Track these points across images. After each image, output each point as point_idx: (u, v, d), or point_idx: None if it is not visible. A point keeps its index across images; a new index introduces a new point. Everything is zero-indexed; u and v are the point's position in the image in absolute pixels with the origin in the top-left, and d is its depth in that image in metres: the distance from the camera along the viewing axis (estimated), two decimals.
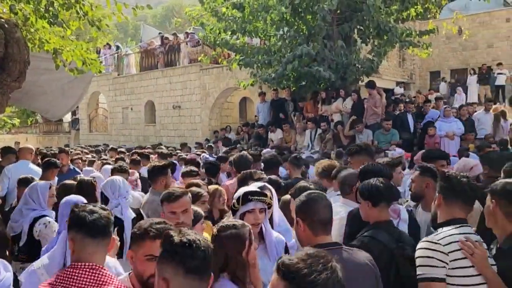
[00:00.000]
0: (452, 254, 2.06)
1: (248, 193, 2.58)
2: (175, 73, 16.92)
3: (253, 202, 2.55)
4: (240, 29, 11.16)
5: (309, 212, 2.20)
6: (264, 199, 2.59)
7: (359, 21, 10.37)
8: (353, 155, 4.07)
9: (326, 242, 2.17)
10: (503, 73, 16.64)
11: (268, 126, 11.72)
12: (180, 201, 2.75)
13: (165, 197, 2.79)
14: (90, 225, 1.95)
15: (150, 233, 2.03)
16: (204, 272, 1.62)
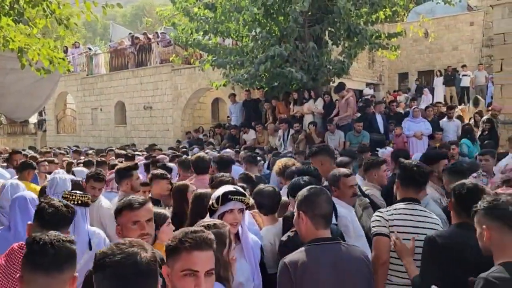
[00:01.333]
0: (391, 221, 2.76)
1: (228, 193, 2.55)
2: (146, 73, 16.68)
3: (233, 202, 2.53)
4: (212, 29, 11.11)
5: (312, 206, 2.31)
6: (244, 199, 2.57)
7: (330, 23, 10.52)
8: (313, 156, 4.19)
9: (326, 236, 2.30)
10: (467, 75, 17.25)
11: (241, 127, 11.73)
12: (144, 208, 2.40)
13: (126, 205, 2.38)
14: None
15: (186, 243, 1.70)
16: (54, 269, 1.66)
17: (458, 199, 2.53)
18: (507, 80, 9.73)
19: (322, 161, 4.12)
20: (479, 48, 19.86)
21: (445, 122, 9.23)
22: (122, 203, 2.41)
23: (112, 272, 1.40)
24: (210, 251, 1.72)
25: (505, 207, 1.96)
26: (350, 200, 3.36)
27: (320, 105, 10.64)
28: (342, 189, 3.32)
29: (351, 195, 3.35)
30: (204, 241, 1.71)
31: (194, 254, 1.67)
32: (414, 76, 21.82)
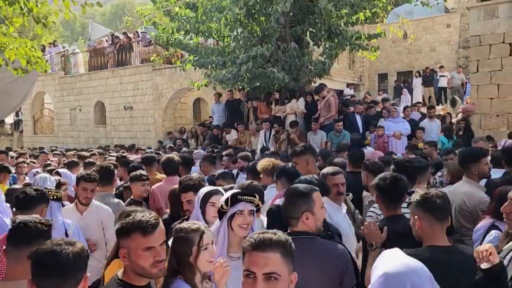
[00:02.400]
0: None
1: (237, 193, 2.52)
2: (126, 73, 16.48)
3: (243, 203, 2.48)
4: (194, 29, 11.04)
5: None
6: (254, 200, 2.52)
7: (311, 24, 10.58)
8: (298, 155, 4.21)
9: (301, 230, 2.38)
10: (445, 76, 17.62)
11: (223, 127, 11.70)
12: (158, 231, 1.96)
13: (137, 227, 1.91)
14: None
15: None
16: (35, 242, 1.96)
17: (382, 192, 2.83)
18: (483, 81, 9.97)
19: (307, 161, 4.18)
20: (456, 50, 20.33)
21: (427, 123, 9.36)
22: (131, 223, 1.93)
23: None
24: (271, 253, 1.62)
25: (434, 201, 2.24)
26: (336, 198, 3.36)
27: (302, 105, 10.69)
28: (328, 187, 3.28)
29: (335, 194, 3.35)
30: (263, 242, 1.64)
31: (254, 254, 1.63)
32: (393, 76, 22.18)
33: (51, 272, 1.65)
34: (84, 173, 3.89)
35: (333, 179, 3.37)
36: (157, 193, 4.76)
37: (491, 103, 9.63)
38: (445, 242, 2.26)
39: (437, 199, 2.26)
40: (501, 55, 9.68)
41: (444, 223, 2.26)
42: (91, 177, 3.80)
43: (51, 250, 1.68)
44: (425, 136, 9.19)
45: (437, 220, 2.23)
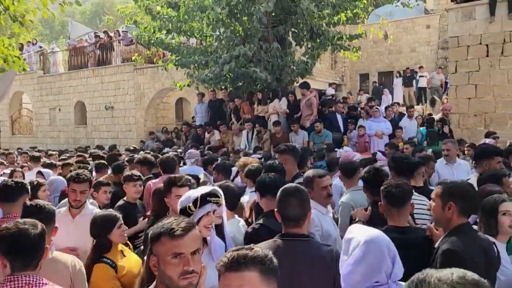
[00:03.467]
0: None
1: (206, 195, 2.49)
2: (107, 73, 16.26)
3: (210, 204, 2.48)
4: (176, 28, 10.98)
5: (281, 206, 2.41)
6: (219, 200, 2.54)
7: (293, 24, 10.64)
8: (279, 153, 4.36)
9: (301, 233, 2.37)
10: (424, 76, 17.91)
11: (206, 127, 11.65)
12: (190, 236, 1.82)
13: (166, 230, 1.79)
14: None
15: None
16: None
17: (367, 182, 3.38)
18: (461, 81, 10.18)
19: (286, 160, 4.27)
20: (435, 50, 20.69)
21: (407, 122, 9.51)
22: (161, 225, 1.83)
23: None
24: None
25: (390, 190, 2.67)
26: (325, 201, 3.30)
27: (285, 105, 10.73)
28: (316, 190, 3.25)
29: (326, 196, 3.28)
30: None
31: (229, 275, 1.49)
32: (374, 76, 22.45)
33: (20, 251, 1.94)
34: (74, 173, 3.55)
35: (321, 182, 3.29)
36: (152, 188, 4.71)
37: (469, 103, 9.85)
38: (401, 223, 2.67)
39: (392, 188, 2.67)
40: (478, 56, 9.91)
41: (400, 208, 2.66)
42: (81, 177, 3.46)
43: (19, 230, 1.96)
44: (405, 135, 9.35)
45: (391, 205, 2.66)
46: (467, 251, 2.23)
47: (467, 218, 2.45)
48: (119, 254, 2.90)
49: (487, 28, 9.81)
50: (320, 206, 3.23)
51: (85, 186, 3.48)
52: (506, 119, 9.68)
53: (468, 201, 2.42)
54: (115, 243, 2.90)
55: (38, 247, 2.00)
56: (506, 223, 2.61)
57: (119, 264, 2.80)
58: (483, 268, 2.19)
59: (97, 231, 2.89)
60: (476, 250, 2.28)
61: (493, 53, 9.74)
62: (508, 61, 9.58)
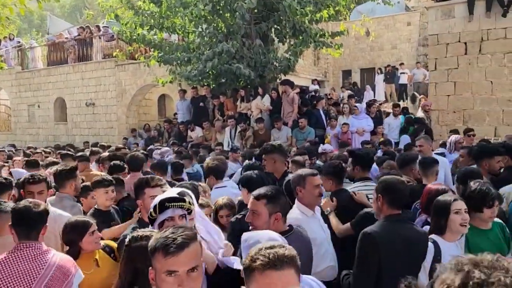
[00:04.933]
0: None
1: (165, 200, 2.42)
2: (88, 69, 16.00)
3: (171, 209, 2.40)
4: (158, 24, 10.86)
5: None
6: (183, 205, 2.44)
7: (275, 21, 10.65)
8: (267, 153, 4.32)
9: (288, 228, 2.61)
10: (405, 72, 18.15)
11: (188, 123, 11.59)
12: (186, 253, 1.70)
13: (160, 246, 1.70)
14: None
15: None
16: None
17: (332, 174, 3.86)
18: (441, 78, 10.36)
19: (275, 159, 4.30)
20: (416, 47, 20.96)
21: (391, 120, 9.57)
22: (156, 239, 1.74)
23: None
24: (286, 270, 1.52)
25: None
26: (316, 200, 3.21)
27: (268, 101, 10.74)
28: (307, 189, 3.16)
29: (317, 195, 3.20)
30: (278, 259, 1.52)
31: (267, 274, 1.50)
32: (357, 73, 22.65)
33: (23, 222, 2.47)
34: (28, 175, 3.52)
35: (314, 180, 3.20)
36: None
37: (448, 100, 10.04)
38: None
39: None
40: (457, 54, 10.10)
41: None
42: (35, 178, 3.41)
43: (25, 207, 2.52)
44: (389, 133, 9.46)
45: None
46: (384, 236, 2.56)
47: (397, 209, 2.73)
48: (93, 263, 2.77)
49: (465, 26, 10.00)
50: (305, 208, 3.13)
51: (42, 187, 3.41)
52: (484, 116, 9.90)
53: (395, 194, 2.72)
54: (87, 250, 2.78)
55: (37, 221, 2.50)
56: (457, 221, 2.73)
57: (84, 274, 2.67)
58: (402, 254, 2.55)
59: (67, 238, 2.80)
60: (394, 237, 2.56)
61: (471, 51, 9.94)
62: (486, 59, 9.79)
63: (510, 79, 9.54)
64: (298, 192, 3.18)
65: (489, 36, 9.73)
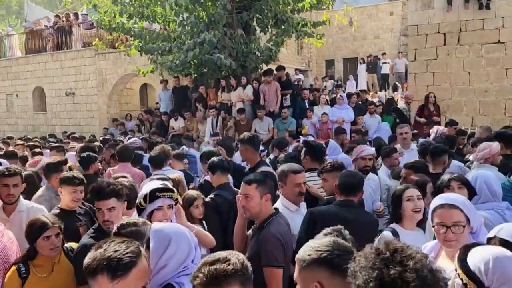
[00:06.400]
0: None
1: (155, 190, 2.51)
2: (67, 57, 15.70)
3: (162, 199, 2.50)
4: (137, 13, 10.69)
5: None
6: (172, 195, 2.55)
7: (257, 10, 10.58)
8: (241, 143, 4.62)
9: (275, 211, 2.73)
10: (387, 62, 18.29)
11: (171, 114, 11.51)
12: (134, 274, 1.58)
13: (104, 266, 1.53)
14: None
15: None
16: None
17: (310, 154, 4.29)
18: (420, 69, 10.50)
19: (246, 149, 4.48)
20: (398, 37, 21.11)
21: (367, 118, 9.61)
22: (98, 259, 1.57)
23: None
24: None
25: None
26: (296, 199, 3.14)
27: (250, 91, 10.71)
28: (288, 186, 3.10)
29: (297, 194, 3.12)
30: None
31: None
32: (340, 63, 22.75)
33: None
34: (3, 168, 3.43)
35: (296, 178, 3.11)
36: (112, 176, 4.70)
37: (427, 91, 10.16)
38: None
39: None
40: (436, 45, 10.23)
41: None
42: (11, 171, 3.32)
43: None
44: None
45: None
46: (323, 215, 2.86)
47: (346, 196, 3.01)
48: (49, 267, 2.61)
49: (444, 17, 10.12)
50: (289, 203, 3.11)
51: (17, 180, 3.35)
52: (462, 106, 10.09)
53: (344, 182, 3.05)
54: (42, 253, 2.59)
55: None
56: (409, 207, 2.82)
57: (31, 278, 2.53)
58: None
59: (26, 234, 2.64)
60: (331, 218, 2.72)
61: (450, 42, 10.08)
62: (464, 50, 9.94)
63: (487, 70, 9.72)
64: (281, 188, 3.19)
65: (467, 27, 9.87)
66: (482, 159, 4.04)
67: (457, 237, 2.08)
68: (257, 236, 2.58)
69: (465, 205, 2.16)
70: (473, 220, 2.16)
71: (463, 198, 2.25)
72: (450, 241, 2.10)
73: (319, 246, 1.43)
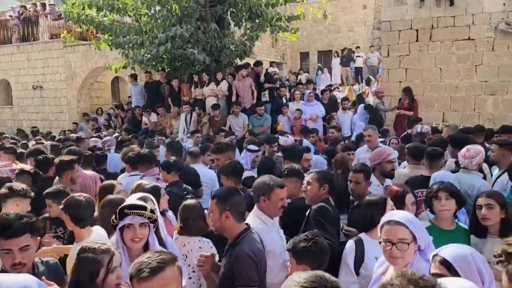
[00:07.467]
0: None
1: (124, 207, 2.43)
2: (34, 49, 15.12)
3: (131, 216, 2.40)
4: (107, 5, 10.34)
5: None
6: (143, 213, 2.42)
7: (231, 4, 10.41)
8: (221, 152, 4.28)
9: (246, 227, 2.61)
10: (361, 56, 18.47)
11: (143, 109, 11.24)
12: (160, 278, 1.78)
13: (134, 272, 1.79)
14: None
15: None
16: None
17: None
18: (393, 64, 10.59)
19: (229, 157, 4.45)
20: (371, 30, 21.31)
21: (340, 114, 9.64)
22: (133, 266, 1.80)
23: None
24: None
25: None
26: (278, 212, 2.99)
27: (225, 87, 10.57)
28: (273, 200, 2.93)
29: (280, 207, 2.98)
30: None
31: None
32: (314, 55, 22.80)
33: None
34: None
35: (281, 193, 2.97)
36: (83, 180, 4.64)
37: (400, 86, 10.26)
38: None
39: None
40: (408, 41, 10.32)
41: None
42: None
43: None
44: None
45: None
46: (327, 209, 3.17)
47: (329, 196, 3.32)
48: None
49: (417, 14, 10.21)
50: (266, 217, 2.94)
51: None
52: (433, 102, 10.26)
53: (333, 184, 3.36)
54: None
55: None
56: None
57: None
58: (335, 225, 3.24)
59: None
60: (334, 213, 3.27)
61: (422, 38, 10.19)
62: (435, 46, 10.07)
63: (457, 67, 9.89)
64: (262, 202, 2.95)
65: (438, 23, 9.99)
66: (476, 166, 4.03)
67: (402, 254, 2.12)
68: (230, 254, 2.51)
69: (412, 223, 2.19)
70: (420, 238, 2.19)
71: (410, 216, 2.27)
72: (395, 258, 2.14)
73: (305, 282, 1.37)
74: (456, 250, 1.86)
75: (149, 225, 2.47)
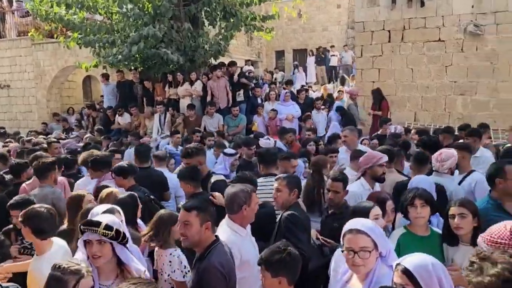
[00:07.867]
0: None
1: (82, 223, 2.41)
2: (1, 47, 14.58)
3: (87, 233, 2.35)
4: (77, 3, 10.05)
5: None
6: (97, 230, 2.32)
7: (205, 3, 10.29)
8: (191, 156, 4.38)
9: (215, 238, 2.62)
10: (335, 55, 18.63)
11: (115, 109, 11.01)
12: None
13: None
14: None
15: None
16: None
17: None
18: (366, 65, 10.73)
19: (199, 161, 4.39)
20: (345, 30, 21.53)
21: (315, 114, 9.68)
22: None
23: None
24: None
25: None
26: (253, 217, 2.96)
27: (200, 87, 10.47)
28: (252, 205, 2.89)
29: (255, 211, 2.96)
30: None
31: None
32: (290, 54, 22.87)
33: None
34: None
35: (256, 197, 3.00)
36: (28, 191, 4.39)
37: (373, 86, 10.41)
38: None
39: None
40: (381, 42, 10.48)
41: None
42: None
43: None
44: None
45: None
46: (298, 217, 3.23)
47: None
48: None
49: (389, 15, 10.37)
50: (239, 227, 2.88)
51: None
52: (405, 102, 10.45)
53: (300, 188, 3.51)
54: None
55: None
56: None
57: None
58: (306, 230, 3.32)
59: None
60: (304, 218, 3.38)
61: (394, 39, 10.36)
62: (407, 47, 10.26)
63: (428, 67, 10.10)
64: (244, 211, 2.86)
65: (410, 25, 10.18)
66: (447, 169, 4.07)
67: (364, 262, 2.17)
68: (198, 266, 2.47)
69: (373, 231, 2.23)
70: (381, 245, 2.23)
71: (371, 224, 2.30)
72: (357, 266, 2.19)
73: None
74: (418, 260, 1.90)
75: (112, 243, 2.36)
